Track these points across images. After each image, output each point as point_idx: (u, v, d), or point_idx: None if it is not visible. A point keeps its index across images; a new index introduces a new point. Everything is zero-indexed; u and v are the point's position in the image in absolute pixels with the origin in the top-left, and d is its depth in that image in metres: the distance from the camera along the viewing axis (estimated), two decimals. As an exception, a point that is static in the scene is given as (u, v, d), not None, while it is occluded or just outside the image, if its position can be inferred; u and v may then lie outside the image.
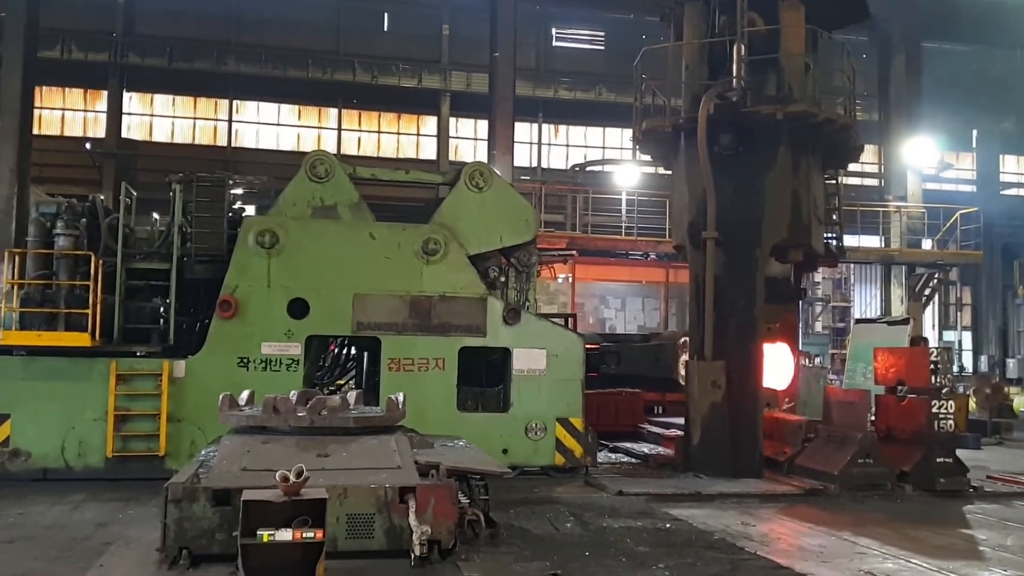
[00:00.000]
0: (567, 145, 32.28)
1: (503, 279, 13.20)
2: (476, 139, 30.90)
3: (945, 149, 32.87)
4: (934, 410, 12.09)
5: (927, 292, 28.04)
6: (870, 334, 19.40)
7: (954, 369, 28.14)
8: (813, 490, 11.68)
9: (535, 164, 31.43)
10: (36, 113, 22.84)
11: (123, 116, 28.61)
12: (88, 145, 27.69)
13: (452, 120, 30.78)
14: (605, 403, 17.40)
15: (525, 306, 13.17)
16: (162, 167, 21.24)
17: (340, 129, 30.38)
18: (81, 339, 11.36)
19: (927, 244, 28.54)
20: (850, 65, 14.58)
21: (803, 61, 13.31)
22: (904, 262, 27.60)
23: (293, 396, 8.53)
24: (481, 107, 27.41)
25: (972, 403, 20.32)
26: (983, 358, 33.81)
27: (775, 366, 13.99)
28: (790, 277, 14.40)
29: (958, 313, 34.65)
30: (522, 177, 28.26)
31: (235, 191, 12.77)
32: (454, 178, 13.25)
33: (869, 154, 29.91)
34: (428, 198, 13.29)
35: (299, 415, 8.23)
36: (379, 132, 30.87)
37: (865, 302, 34.22)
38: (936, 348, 13.70)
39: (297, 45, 29.31)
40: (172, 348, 11.98)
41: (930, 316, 32.23)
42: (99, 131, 28.37)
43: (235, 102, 29.67)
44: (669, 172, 14.92)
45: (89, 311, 11.40)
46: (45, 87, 26.67)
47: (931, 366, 12.60)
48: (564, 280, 24.94)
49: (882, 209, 28.08)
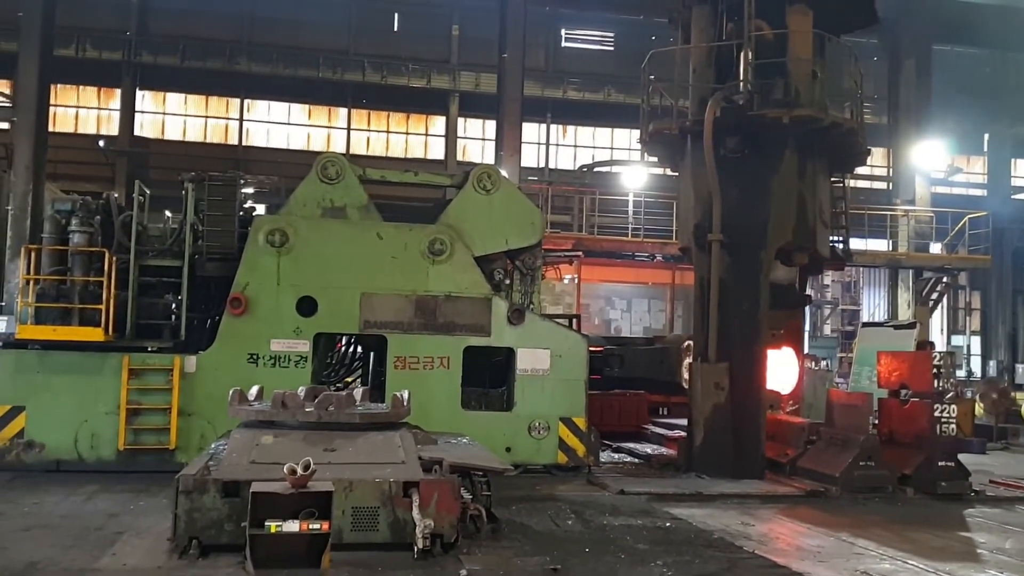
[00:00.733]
0: (575, 146, 32.35)
1: (508, 281, 13.33)
2: (484, 139, 30.99)
3: (955, 153, 32.80)
4: (937, 414, 12.13)
5: (934, 296, 28.01)
6: (876, 338, 19.39)
7: (960, 374, 28.13)
8: (814, 492, 11.77)
9: (543, 165, 31.51)
10: (51, 111, 22.99)
11: (136, 114, 28.78)
12: (101, 143, 27.89)
13: (460, 120, 30.88)
14: (610, 404, 17.51)
15: (529, 309, 13.30)
16: (174, 165, 21.49)
17: (350, 129, 30.53)
18: (95, 334, 11.55)
19: (935, 248, 28.53)
20: (858, 69, 14.66)
21: (810, 66, 13.39)
22: (911, 266, 27.59)
23: (301, 392, 8.68)
24: (489, 107, 27.51)
25: (979, 408, 20.34)
26: (992, 363, 33.74)
27: (780, 371, 14.09)
28: (795, 283, 14.49)
29: (967, 317, 34.62)
30: (530, 177, 28.36)
31: (246, 190, 12.89)
32: (462, 180, 13.39)
33: (878, 157, 29.99)
34: (436, 199, 13.42)
35: (307, 410, 8.39)
36: (388, 132, 31.00)
37: (873, 305, 34.20)
38: (940, 352, 13.73)
39: (308, 45, 29.47)
40: (183, 344, 12.16)
41: (938, 320, 32.20)
42: (112, 129, 28.57)
43: (246, 101, 29.83)
44: (676, 174, 15.01)
45: (103, 307, 11.59)
46: (59, 85, 26.85)
47: (934, 370, 12.64)
48: (570, 281, 25.00)
49: (890, 213, 28.09)
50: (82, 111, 28.93)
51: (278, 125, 30.08)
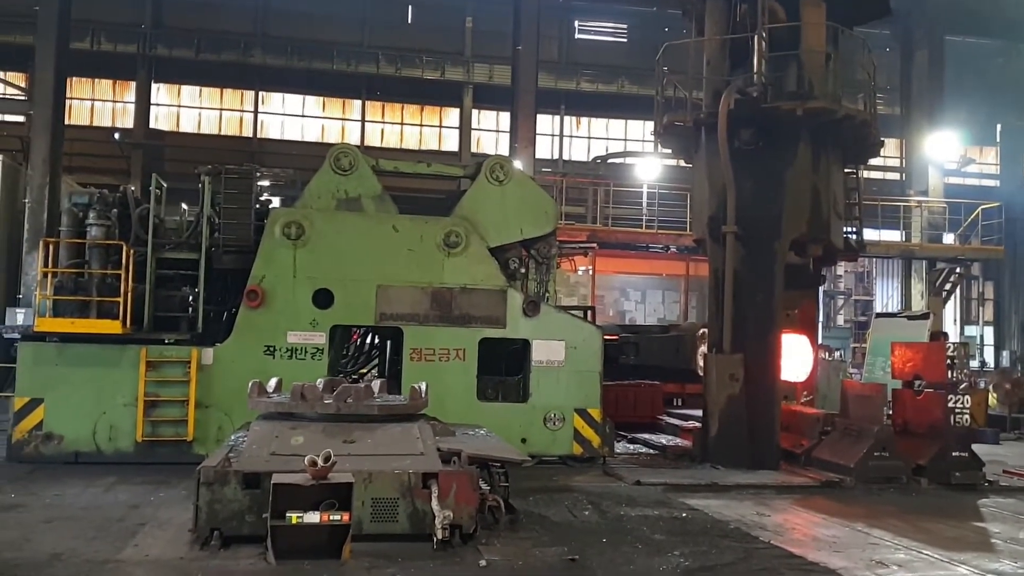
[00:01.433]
0: (589, 137, 32.36)
1: (523, 270, 13.40)
2: (498, 131, 31.05)
3: (968, 143, 32.67)
4: (950, 405, 12.15)
5: (948, 287, 27.95)
6: (890, 328, 19.39)
7: (974, 364, 28.05)
8: (829, 482, 11.80)
9: (557, 156, 31.55)
10: (67, 104, 23.13)
11: (151, 107, 28.97)
12: (116, 136, 28.05)
13: (474, 112, 30.92)
14: (625, 395, 17.55)
15: (545, 297, 13.36)
16: (189, 157, 21.60)
17: (364, 121, 30.61)
18: (112, 326, 11.66)
19: (948, 239, 28.44)
20: (871, 60, 14.63)
21: (824, 57, 13.38)
22: (925, 257, 27.54)
23: (320, 384, 8.76)
24: (503, 99, 27.54)
25: (992, 398, 20.31)
26: (1005, 353, 33.65)
27: (794, 358, 14.10)
28: (809, 265, 14.47)
29: (980, 308, 34.50)
30: (543, 169, 28.38)
31: (262, 183, 12.99)
32: (475, 171, 13.45)
33: (891, 148, 29.86)
34: (451, 190, 13.49)
35: (326, 402, 8.46)
36: (402, 124, 31.07)
37: (887, 296, 34.12)
38: (954, 343, 13.72)
39: (322, 37, 29.55)
40: (200, 336, 12.25)
41: (951, 311, 32.11)
42: (128, 121, 28.74)
43: (261, 93, 29.96)
44: (690, 165, 15.02)
45: (120, 299, 11.70)
46: (75, 78, 27.00)
47: (948, 361, 12.65)
48: (584, 272, 25.03)
49: (903, 203, 28.02)
50: (98, 104, 29.10)
51: (292, 117, 30.20)
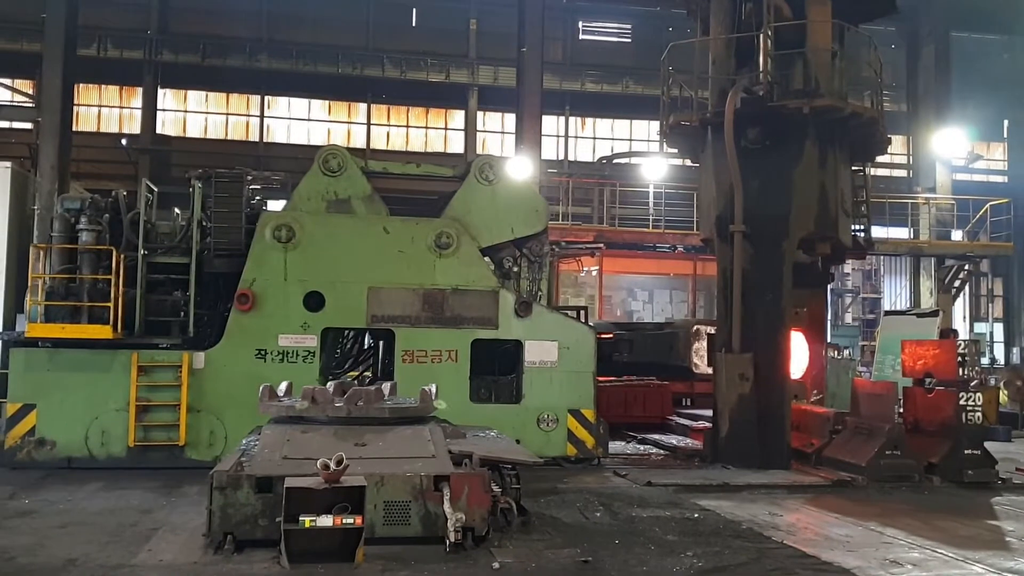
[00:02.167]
0: (594, 138, 32.35)
1: (516, 269, 13.40)
2: (503, 133, 31.05)
3: (975, 140, 32.56)
4: (962, 402, 12.11)
5: (956, 284, 27.87)
6: (899, 326, 19.34)
7: (984, 361, 27.98)
8: (840, 481, 11.76)
9: (562, 157, 31.55)
10: (74, 110, 23.19)
11: (158, 112, 29.00)
12: (124, 141, 28.11)
13: (480, 114, 30.92)
14: (634, 395, 17.53)
15: (538, 296, 13.35)
16: (196, 162, 21.59)
17: (369, 124, 30.63)
18: (103, 331, 11.70)
19: (957, 235, 28.36)
20: (877, 58, 14.60)
21: (830, 55, 13.36)
22: (933, 254, 27.48)
23: (331, 387, 8.78)
24: (508, 101, 27.53)
25: (1003, 395, 20.23)
26: (1015, 350, 33.55)
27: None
28: (817, 263, 14.44)
29: (989, 305, 34.41)
30: (549, 170, 28.37)
31: (254, 187, 13.04)
32: (464, 172, 13.46)
33: (898, 145, 29.84)
34: (444, 191, 13.45)
35: (336, 405, 8.48)
36: (407, 127, 31.09)
37: (895, 293, 34.05)
38: (964, 340, 13.69)
39: (327, 41, 29.59)
40: (192, 340, 12.27)
41: (961, 308, 32.02)
42: (135, 127, 28.79)
43: (267, 98, 30.01)
44: (696, 165, 15.00)
45: (111, 304, 11.74)
46: (82, 84, 27.05)
47: (959, 358, 12.61)
48: (588, 273, 25.04)
49: (911, 201, 27.97)
50: (105, 110, 29.17)
51: (298, 121, 30.24)
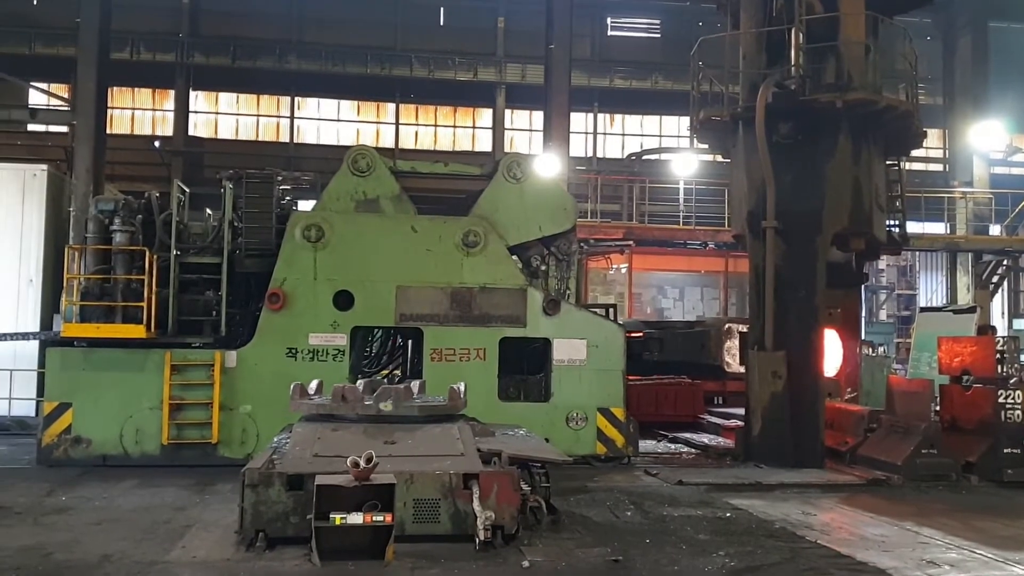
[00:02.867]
0: (623, 134, 32.23)
1: (544, 268, 13.36)
2: (531, 130, 31.00)
3: (1014, 132, 32.04)
4: (1001, 400, 11.91)
5: (995, 279, 27.46)
6: (935, 323, 19.06)
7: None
8: (876, 480, 11.63)
9: (591, 154, 31.46)
10: (108, 113, 23.44)
11: (190, 114, 29.32)
12: (157, 144, 28.40)
13: (508, 112, 30.94)
14: (665, 393, 17.43)
15: (566, 295, 13.30)
16: (228, 164, 21.74)
17: (398, 124, 30.74)
18: (137, 331, 11.85)
19: (995, 230, 27.93)
20: (912, 50, 14.40)
21: (863, 48, 13.18)
22: (970, 249, 27.04)
23: (360, 385, 8.80)
24: (536, 98, 27.44)
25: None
26: (1055, 346, 32.92)
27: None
28: (851, 262, 14.30)
29: (1029, 301, 33.87)
30: (578, 167, 28.27)
31: (284, 187, 13.13)
32: (492, 170, 13.45)
33: (933, 139, 29.41)
34: (473, 190, 13.44)
35: (366, 404, 8.49)
36: (436, 126, 31.16)
37: (931, 290, 33.58)
38: (1003, 337, 13.40)
39: (356, 42, 29.71)
40: (224, 339, 12.39)
41: (999, 304, 31.52)
42: (167, 129, 29.12)
43: (296, 99, 30.21)
44: (727, 160, 14.88)
45: (144, 304, 11.86)
46: (116, 88, 27.37)
47: (998, 355, 12.40)
48: (617, 270, 24.94)
49: (947, 195, 27.58)
50: (138, 113, 29.52)
51: (328, 122, 30.42)
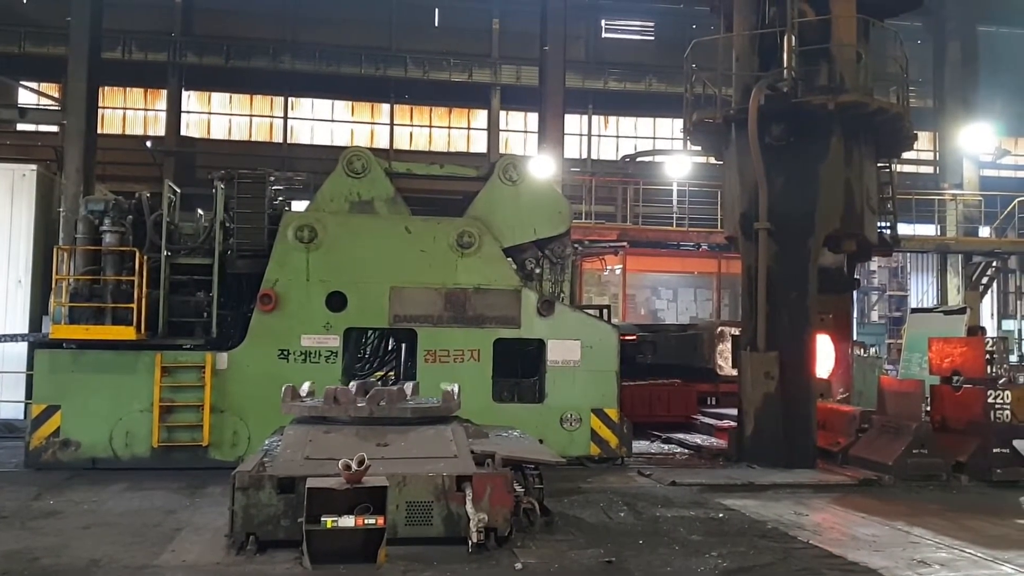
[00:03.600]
0: (617, 136, 32.23)
1: (538, 271, 13.36)
2: (526, 132, 31.01)
3: (1003, 135, 32.16)
4: (990, 400, 11.95)
5: (984, 281, 27.56)
6: (926, 324, 19.13)
7: (1013, 358, 27.64)
8: (867, 480, 11.66)
9: (585, 156, 31.47)
10: (99, 113, 23.36)
11: (182, 114, 29.17)
12: (148, 144, 28.30)
13: (502, 113, 30.90)
14: (658, 394, 17.44)
15: (560, 298, 13.30)
16: (220, 164, 21.72)
17: (392, 124, 30.68)
18: (127, 332, 11.78)
19: (984, 232, 28.03)
20: (903, 53, 14.45)
21: (855, 51, 13.22)
22: (961, 251, 27.15)
23: (353, 387, 8.78)
24: (531, 100, 27.49)
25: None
26: (1045, 347, 33.09)
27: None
28: (843, 267, 14.35)
29: (1018, 302, 33.93)
30: (572, 169, 28.30)
31: (276, 187, 13.09)
32: (488, 172, 13.44)
33: (924, 141, 29.48)
34: (468, 191, 13.42)
35: (359, 406, 8.47)
36: (430, 127, 31.12)
37: (921, 291, 33.67)
38: (992, 337, 13.50)
39: (350, 42, 29.63)
40: (215, 341, 12.33)
41: (988, 305, 31.63)
42: (159, 129, 28.97)
43: (290, 99, 30.10)
44: (720, 162, 14.90)
45: (134, 306, 11.80)
46: (107, 87, 27.25)
47: (987, 356, 12.45)
48: (611, 272, 24.96)
49: (937, 197, 27.66)
50: (129, 112, 29.39)
51: (322, 122, 30.34)
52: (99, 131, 22.99)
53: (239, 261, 12.54)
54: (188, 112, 29.45)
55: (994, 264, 27.40)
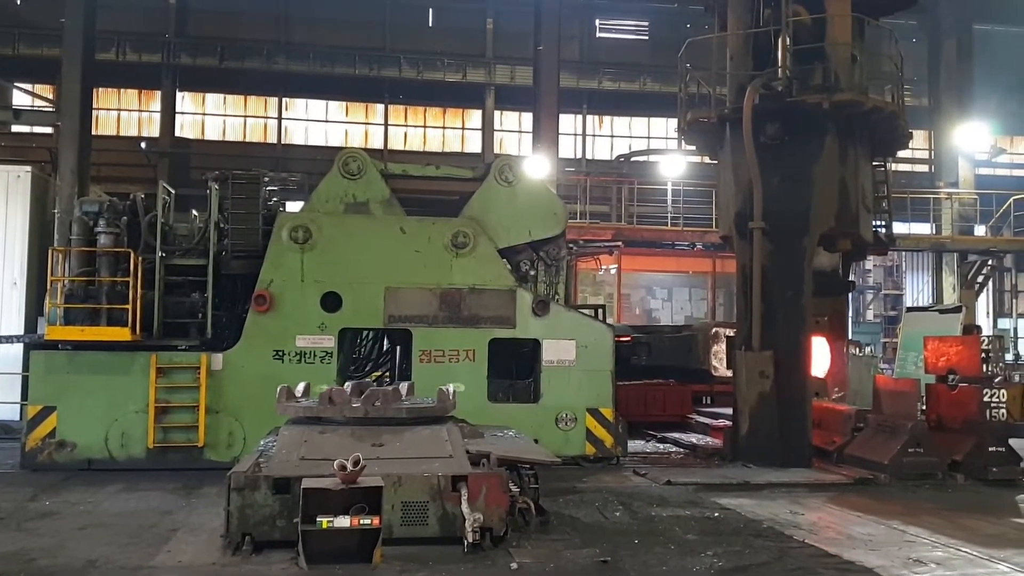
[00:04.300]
0: (612, 136, 32.23)
1: (533, 272, 13.37)
2: (521, 132, 30.98)
3: (999, 133, 32.25)
4: (986, 399, 11.97)
5: (980, 279, 27.60)
6: (922, 322, 19.16)
7: (1008, 357, 27.69)
8: (863, 479, 11.66)
9: (580, 156, 31.47)
10: (93, 114, 23.32)
11: (176, 115, 29.12)
12: (143, 145, 28.25)
13: (497, 113, 30.90)
14: (653, 393, 17.44)
15: (555, 299, 13.30)
16: (215, 165, 21.70)
17: (387, 125, 30.66)
18: (122, 334, 11.77)
19: (980, 230, 28.08)
20: (898, 52, 14.47)
21: (849, 50, 13.23)
22: (956, 249, 27.18)
23: (348, 388, 8.77)
24: (526, 100, 27.48)
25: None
26: (1041, 346, 33.14)
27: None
28: (839, 269, 14.35)
29: (1013, 300, 34.00)
30: (567, 169, 28.27)
31: (271, 188, 13.08)
32: (484, 173, 13.43)
33: (919, 140, 29.47)
34: (464, 192, 13.42)
35: (354, 406, 8.47)
36: (425, 127, 31.10)
37: (917, 290, 33.71)
38: (988, 336, 13.52)
39: (344, 43, 29.61)
40: (210, 342, 12.32)
41: (984, 303, 31.69)
42: (154, 131, 28.91)
43: (284, 100, 30.04)
44: (715, 162, 14.91)
45: (129, 306, 11.79)
46: (101, 88, 27.21)
47: (983, 354, 12.46)
48: (606, 271, 24.95)
49: (933, 196, 27.70)
50: (124, 114, 29.32)
51: (316, 123, 30.30)
52: (94, 132, 22.94)
53: (234, 262, 12.54)
54: (182, 113, 29.40)
55: (989, 263, 27.44)
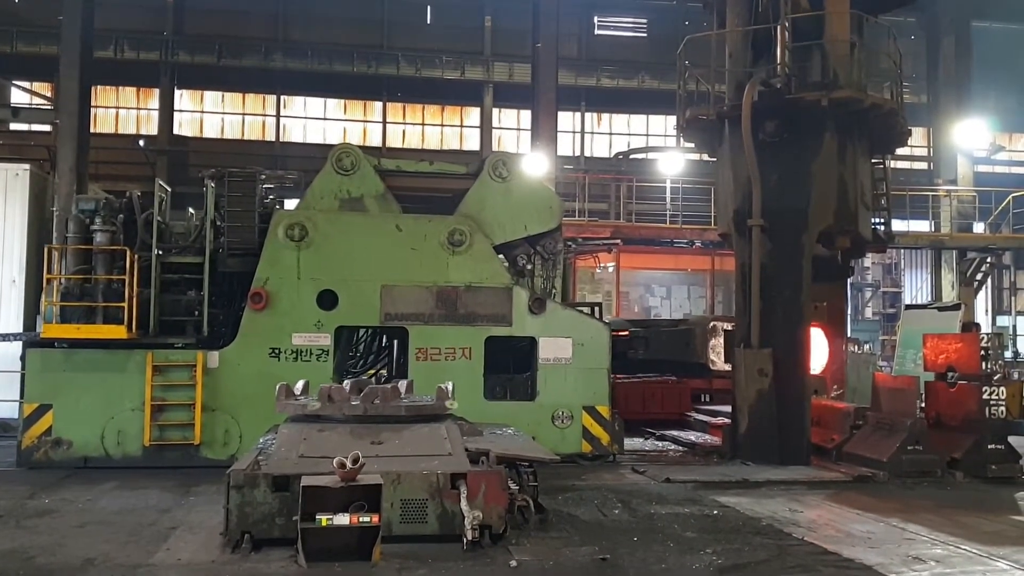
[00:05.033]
0: (610, 133, 32.26)
1: (530, 267, 13.36)
2: (519, 129, 30.99)
3: (997, 130, 32.24)
4: (985, 396, 11.98)
5: (979, 277, 27.59)
6: (920, 320, 19.15)
7: (1008, 355, 27.68)
8: (861, 477, 11.67)
9: (578, 153, 31.47)
10: (92, 112, 23.31)
11: (174, 113, 29.14)
12: (141, 142, 28.24)
13: (495, 111, 30.93)
14: (652, 391, 17.43)
15: (551, 294, 13.30)
16: (213, 163, 21.66)
17: (385, 122, 30.66)
18: (118, 331, 11.76)
19: (979, 228, 28.08)
20: (896, 49, 14.46)
21: (848, 46, 13.22)
22: (955, 246, 27.17)
23: (347, 385, 8.77)
24: (524, 97, 27.46)
25: (1026, 389, 19.93)
26: (1038, 343, 33.14)
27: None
28: (836, 257, 14.31)
29: (1012, 298, 34.02)
30: (565, 166, 28.30)
31: (267, 186, 13.07)
32: (477, 169, 13.41)
33: (918, 137, 29.50)
34: (459, 189, 13.40)
35: (353, 404, 8.46)
36: (423, 124, 31.10)
37: (916, 287, 33.76)
38: (987, 334, 13.51)
39: (342, 40, 29.63)
40: (206, 339, 12.30)
41: (983, 301, 31.70)
42: (152, 128, 28.95)
43: (282, 97, 30.08)
44: (714, 159, 14.90)
45: (125, 304, 11.78)
46: (100, 86, 27.19)
47: (982, 352, 12.46)
48: (603, 269, 24.95)
49: (932, 193, 27.70)
50: (122, 112, 29.34)
51: (314, 120, 30.32)
52: (92, 130, 22.95)
53: (230, 260, 12.52)
54: (180, 111, 29.42)
55: (988, 260, 27.41)
